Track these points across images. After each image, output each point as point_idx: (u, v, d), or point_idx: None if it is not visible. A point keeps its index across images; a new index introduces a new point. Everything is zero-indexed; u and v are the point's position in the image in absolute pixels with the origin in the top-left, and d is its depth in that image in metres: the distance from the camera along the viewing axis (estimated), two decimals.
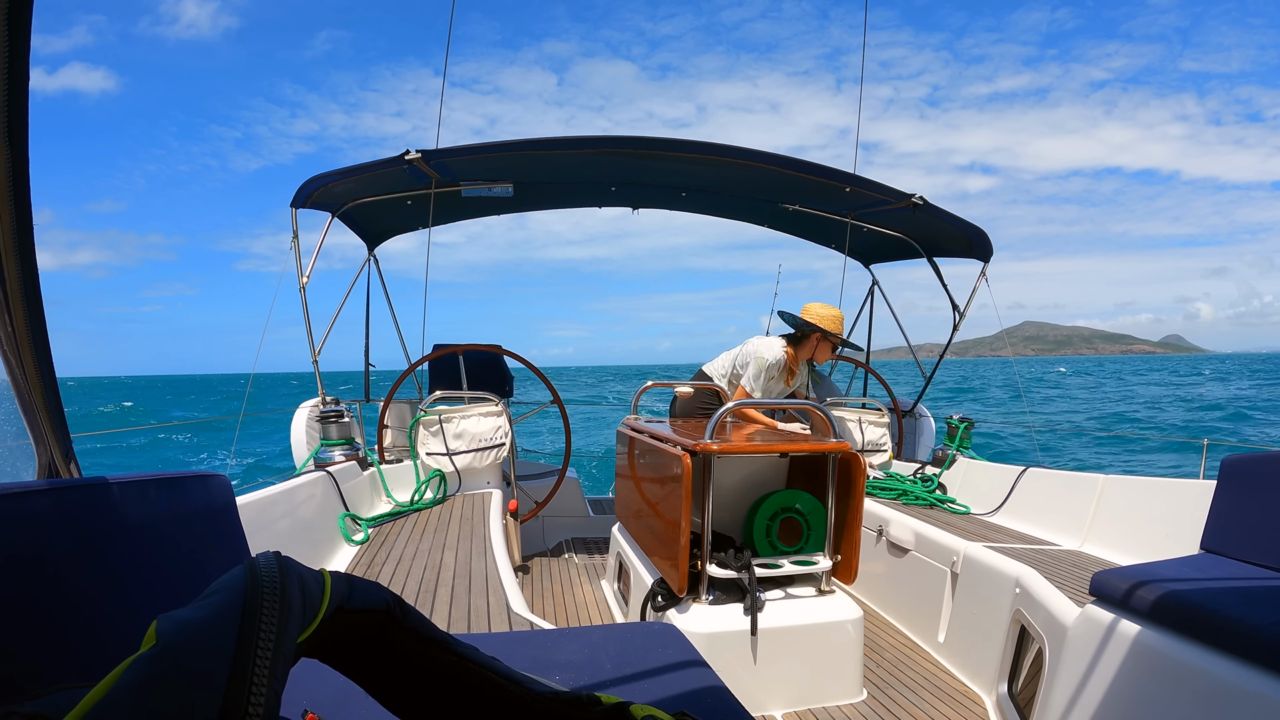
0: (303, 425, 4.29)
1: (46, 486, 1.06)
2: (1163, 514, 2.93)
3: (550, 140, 3.95)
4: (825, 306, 4.14)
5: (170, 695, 0.44)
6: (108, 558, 1.13)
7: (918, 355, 5.67)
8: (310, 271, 4.36)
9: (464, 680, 0.68)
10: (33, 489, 1.03)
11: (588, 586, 4.08)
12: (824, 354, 4.22)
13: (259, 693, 0.47)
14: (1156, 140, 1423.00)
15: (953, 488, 4.40)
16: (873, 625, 3.51)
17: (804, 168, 4.19)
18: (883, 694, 2.77)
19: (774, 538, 2.78)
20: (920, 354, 5.75)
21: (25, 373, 1.24)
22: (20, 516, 0.99)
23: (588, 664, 1.47)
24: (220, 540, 1.52)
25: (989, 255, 4.86)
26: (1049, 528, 3.49)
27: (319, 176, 4.08)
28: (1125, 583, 2.03)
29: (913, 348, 5.61)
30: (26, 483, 1.08)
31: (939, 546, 3.25)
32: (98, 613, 1.07)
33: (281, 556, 0.59)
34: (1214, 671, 1.69)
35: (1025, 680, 2.51)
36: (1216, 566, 2.19)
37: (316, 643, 0.60)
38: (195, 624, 0.49)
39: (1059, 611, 2.28)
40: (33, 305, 1.20)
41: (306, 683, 1.13)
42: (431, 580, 2.58)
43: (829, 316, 4.10)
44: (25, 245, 1.15)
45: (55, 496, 1.07)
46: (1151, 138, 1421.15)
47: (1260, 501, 2.26)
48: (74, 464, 1.38)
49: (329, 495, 3.40)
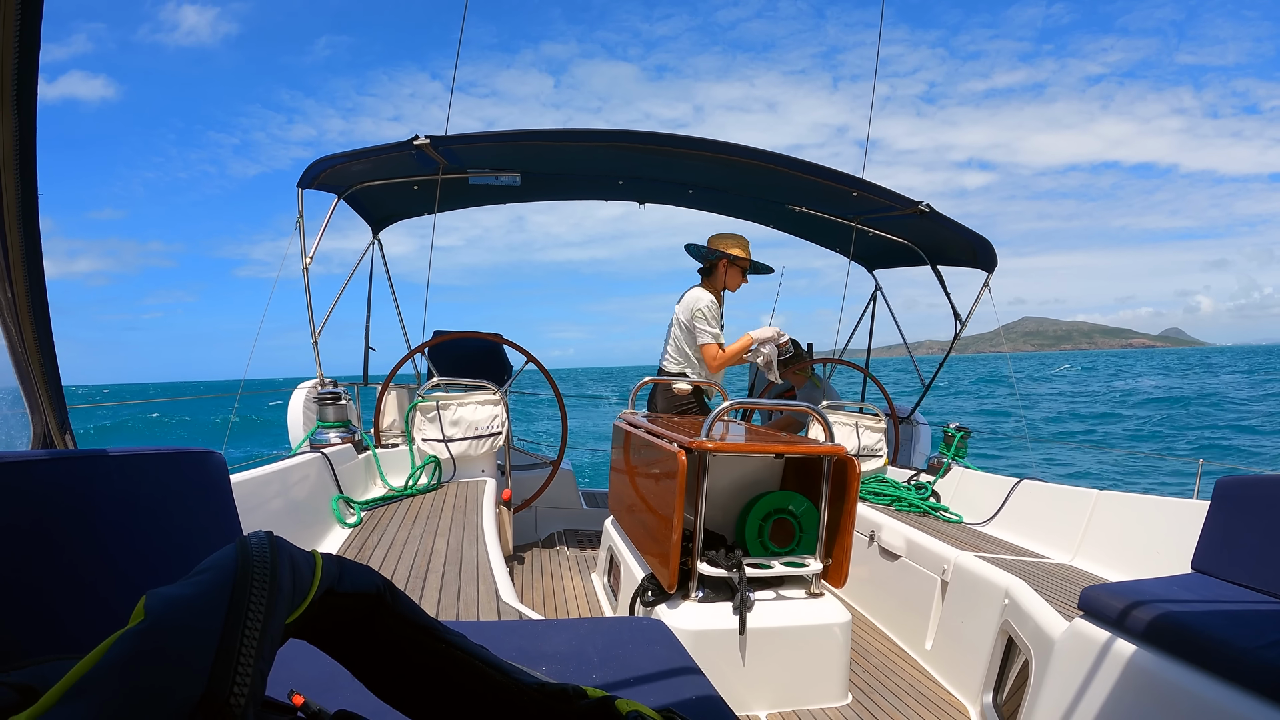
0: (299, 406, 4.29)
1: (45, 456, 1.06)
2: (1154, 532, 2.94)
3: (559, 131, 3.94)
4: (729, 235, 4.21)
5: (156, 671, 0.44)
6: (101, 531, 1.13)
7: (915, 354, 5.67)
8: (314, 252, 4.36)
9: (451, 667, 0.68)
10: (28, 459, 1.03)
11: (578, 579, 4.09)
12: (735, 280, 4.25)
13: (245, 672, 0.47)
14: (1154, 134, 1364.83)
15: (946, 496, 4.41)
16: (861, 630, 3.52)
17: (812, 170, 4.18)
18: (868, 699, 2.77)
19: (766, 538, 2.78)
20: (920, 350, 5.75)
21: (24, 341, 1.24)
22: (15, 486, 0.99)
23: (575, 656, 1.47)
24: (213, 518, 1.52)
25: (993, 266, 4.86)
26: (1040, 540, 3.50)
27: (328, 157, 4.08)
28: (1114, 599, 2.03)
29: (912, 352, 5.61)
30: (22, 452, 1.08)
31: (930, 554, 3.25)
32: (88, 586, 1.07)
33: (273, 536, 0.59)
34: (1200, 693, 1.69)
35: (1010, 691, 2.52)
36: (1206, 587, 2.20)
37: (305, 624, 0.60)
38: (184, 601, 0.49)
39: (1047, 624, 2.28)
40: (34, 274, 1.20)
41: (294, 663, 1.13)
42: (422, 566, 2.58)
43: (732, 239, 4.16)
44: (29, 213, 1.14)
45: (51, 467, 1.07)
46: (1149, 131, 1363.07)
47: (1252, 524, 2.26)
48: (69, 434, 1.38)
49: (323, 477, 3.41)
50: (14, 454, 1.02)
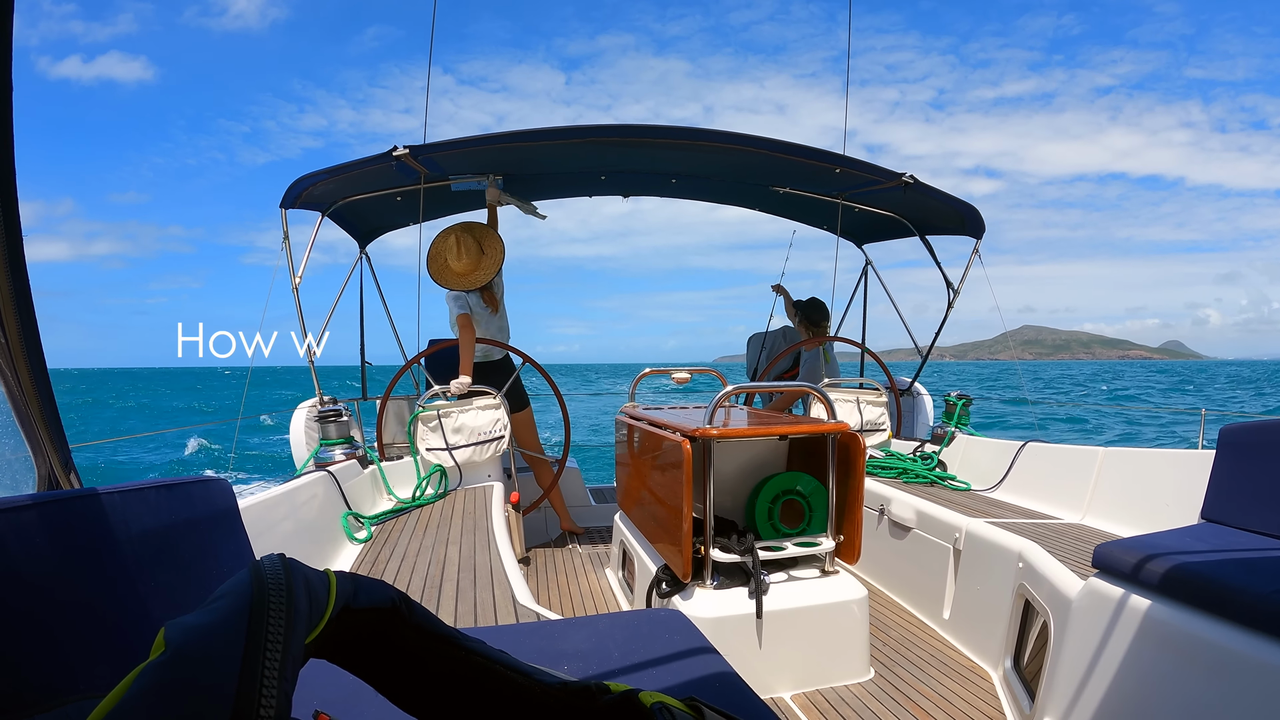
0: (301, 426, 4.29)
1: (47, 499, 1.06)
2: (1162, 485, 2.95)
3: (537, 131, 3.93)
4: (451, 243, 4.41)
5: (181, 701, 0.44)
6: (112, 567, 1.13)
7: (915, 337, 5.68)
8: (302, 271, 4.35)
9: (472, 674, 0.69)
10: (32, 502, 1.03)
11: (592, 575, 4.10)
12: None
13: (269, 695, 0.47)
14: (1161, 146, 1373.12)
15: (952, 465, 4.42)
16: (877, 604, 3.53)
17: (793, 150, 4.17)
18: (890, 672, 2.79)
19: (776, 520, 2.79)
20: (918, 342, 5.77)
21: (20, 384, 1.24)
22: (20, 530, 0.99)
23: (595, 653, 1.47)
24: (224, 544, 1.52)
25: (981, 232, 4.86)
26: (1050, 502, 3.51)
27: (307, 176, 4.06)
28: (1128, 554, 2.04)
29: (909, 329, 5.61)
30: (25, 495, 1.08)
31: (941, 524, 3.26)
32: (105, 623, 1.07)
33: (286, 558, 0.59)
34: (1218, 640, 1.70)
35: (1031, 654, 2.53)
36: (1217, 536, 2.21)
37: (324, 643, 0.60)
38: (203, 629, 0.49)
39: (1062, 585, 2.29)
40: (25, 316, 1.19)
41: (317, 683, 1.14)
42: (436, 575, 2.59)
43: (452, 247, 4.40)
44: (15, 256, 1.14)
45: (56, 509, 1.07)
46: (1156, 144, 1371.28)
47: (1259, 470, 2.28)
48: (74, 474, 1.38)
49: (330, 495, 3.40)
50: (17, 498, 1.02)
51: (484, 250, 4.45)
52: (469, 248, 4.36)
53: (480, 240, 4.45)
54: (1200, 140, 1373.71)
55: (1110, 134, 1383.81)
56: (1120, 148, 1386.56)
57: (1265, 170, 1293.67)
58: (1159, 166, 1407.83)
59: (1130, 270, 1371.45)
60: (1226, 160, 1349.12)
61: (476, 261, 4.40)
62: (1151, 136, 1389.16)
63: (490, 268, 4.45)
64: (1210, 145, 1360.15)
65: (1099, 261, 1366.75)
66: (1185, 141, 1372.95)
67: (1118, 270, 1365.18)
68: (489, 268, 4.45)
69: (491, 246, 4.48)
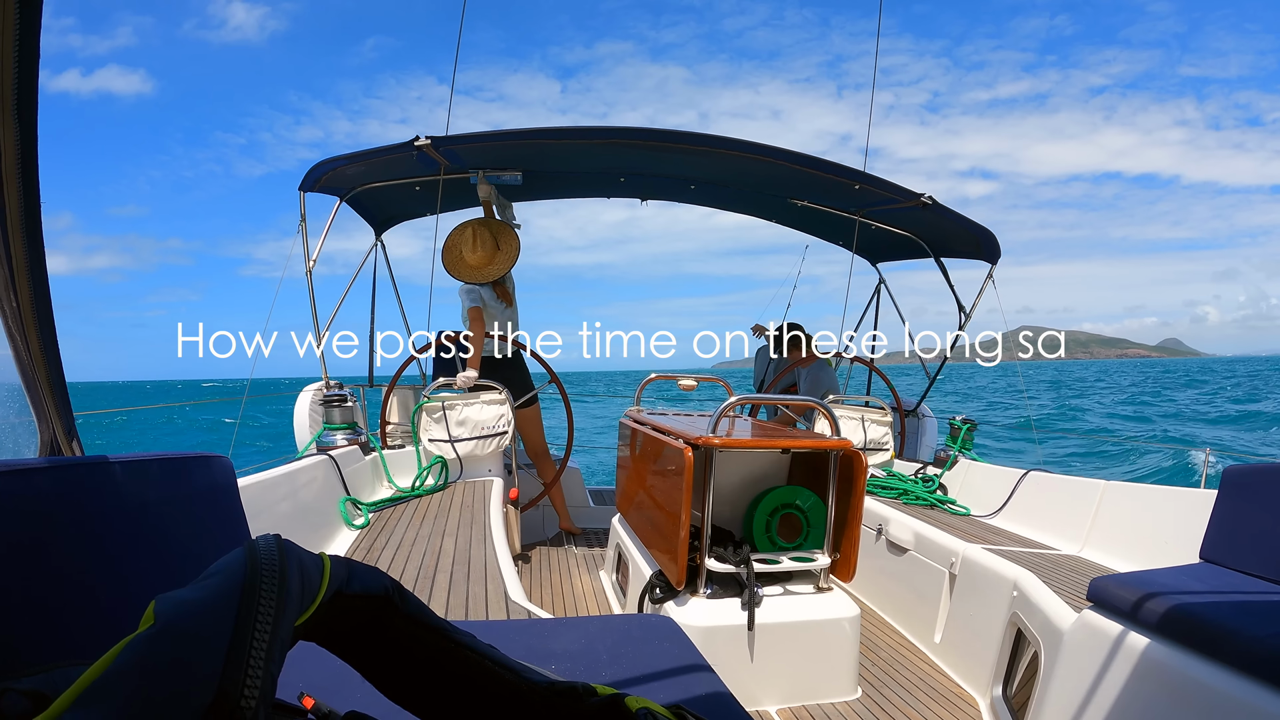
0: (305, 408, 4.30)
1: (48, 464, 1.06)
2: (1162, 522, 2.92)
3: (560, 129, 3.95)
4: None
5: (166, 675, 0.44)
6: (108, 537, 1.13)
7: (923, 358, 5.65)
8: (317, 255, 4.37)
9: (460, 667, 0.68)
10: (34, 466, 1.03)
11: (586, 577, 4.09)
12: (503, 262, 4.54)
13: (255, 675, 0.47)
14: (1156, 145, 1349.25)
15: (954, 489, 4.40)
16: (869, 624, 3.51)
17: (814, 164, 4.17)
18: (877, 693, 2.77)
19: (773, 533, 2.78)
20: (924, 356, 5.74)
21: (30, 349, 1.24)
22: (21, 495, 0.99)
23: (584, 654, 1.47)
24: (221, 522, 1.52)
25: (996, 257, 4.85)
26: (1048, 532, 3.49)
27: (329, 160, 4.09)
28: (1123, 590, 2.03)
29: (919, 348, 5.59)
30: (28, 460, 1.08)
31: (938, 547, 3.25)
32: (96, 592, 1.07)
33: (281, 539, 0.59)
34: (1210, 682, 1.69)
35: (1020, 683, 2.51)
36: (1215, 576, 2.19)
37: (315, 626, 0.60)
38: (193, 605, 0.49)
39: (1055, 616, 2.28)
40: (38, 283, 1.20)
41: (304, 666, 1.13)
42: (431, 566, 2.59)
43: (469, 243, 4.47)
44: (32, 222, 1.15)
45: (57, 475, 1.07)
46: (1151, 142, 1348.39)
47: (1260, 513, 2.25)
48: (76, 442, 1.39)
49: (330, 479, 3.41)
50: (17, 461, 1.02)
51: (499, 246, 4.48)
52: (485, 241, 4.39)
53: (496, 235, 4.48)
54: (1195, 138, 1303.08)
55: (1105, 133, 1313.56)
56: (1115, 147, 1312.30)
57: (1260, 166, 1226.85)
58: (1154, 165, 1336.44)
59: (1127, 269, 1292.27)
60: (1221, 157, 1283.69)
61: (491, 255, 4.42)
62: (1146, 135, 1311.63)
63: (504, 263, 4.48)
64: (1205, 143, 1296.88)
65: (1096, 261, 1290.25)
66: (1180, 139, 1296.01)
67: (1115, 269, 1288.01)
68: (503, 263, 4.48)
69: (507, 243, 4.51)
